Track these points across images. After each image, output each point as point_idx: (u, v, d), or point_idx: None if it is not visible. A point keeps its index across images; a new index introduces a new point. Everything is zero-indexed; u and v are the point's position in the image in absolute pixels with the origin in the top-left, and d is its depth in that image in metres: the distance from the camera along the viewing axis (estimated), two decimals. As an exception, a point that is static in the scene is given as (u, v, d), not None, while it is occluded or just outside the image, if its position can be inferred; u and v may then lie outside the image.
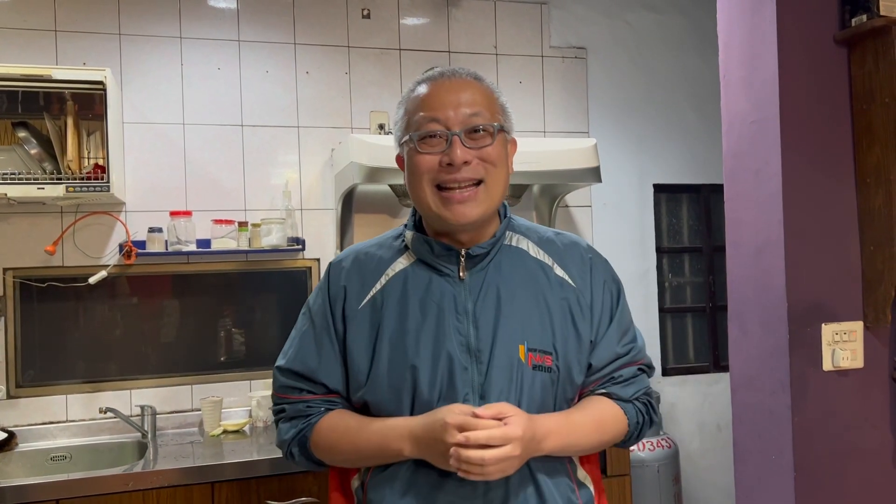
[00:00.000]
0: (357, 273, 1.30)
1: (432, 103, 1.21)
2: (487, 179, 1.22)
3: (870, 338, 2.01)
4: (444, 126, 1.20)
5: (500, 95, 1.28)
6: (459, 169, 1.19)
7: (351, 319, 1.27)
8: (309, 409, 1.29)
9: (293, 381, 1.30)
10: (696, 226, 3.75)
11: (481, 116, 1.21)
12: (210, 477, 2.31)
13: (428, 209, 1.24)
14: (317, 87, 3.10)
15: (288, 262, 3.03)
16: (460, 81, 1.24)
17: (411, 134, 1.22)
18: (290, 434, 1.30)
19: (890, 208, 1.90)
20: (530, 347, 1.22)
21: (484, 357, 1.21)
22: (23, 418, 2.71)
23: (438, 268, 1.26)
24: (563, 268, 1.31)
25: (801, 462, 1.92)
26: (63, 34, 2.81)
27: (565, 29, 3.46)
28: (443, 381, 1.20)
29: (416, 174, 1.23)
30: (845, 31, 1.97)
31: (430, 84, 1.24)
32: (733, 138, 2.12)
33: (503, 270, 1.27)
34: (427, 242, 1.26)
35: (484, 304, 1.23)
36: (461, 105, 1.21)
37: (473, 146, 1.20)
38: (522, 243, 1.32)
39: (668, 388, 3.57)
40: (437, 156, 1.20)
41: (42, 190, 2.47)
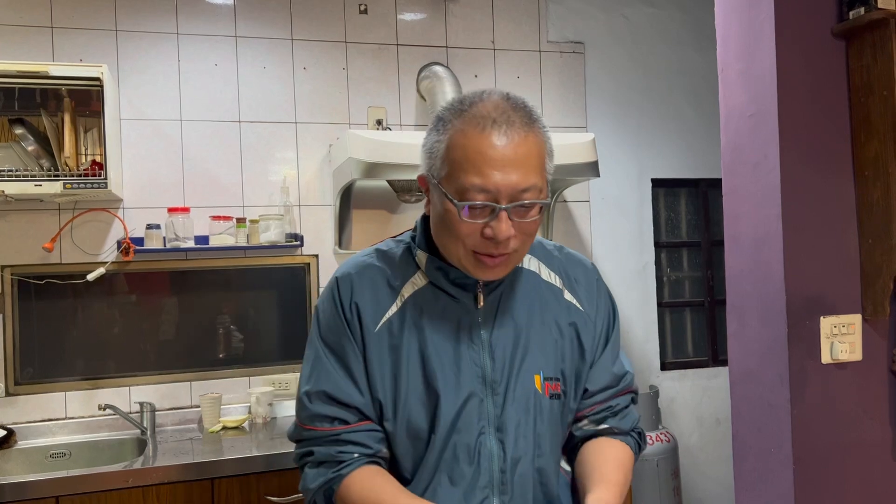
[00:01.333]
0: (369, 290, 1.22)
1: (483, 168, 1.09)
2: (521, 248, 1.17)
3: (868, 330, 2.01)
4: (492, 198, 1.10)
5: (548, 139, 1.18)
6: (499, 244, 1.12)
7: (369, 343, 1.20)
8: (341, 455, 1.18)
9: (324, 408, 1.19)
10: (695, 220, 3.75)
11: (532, 192, 1.12)
12: (210, 473, 2.31)
13: (457, 262, 1.18)
14: (314, 83, 3.09)
15: (286, 259, 3.02)
16: (515, 139, 1.10)
17: (456, 202, 1.11)
18: (316, 483, 1.19)
19: (888, 201, 1.90)
20: (546, 376, 1.22)
21: (500, 388, 1.19)
22: (22, 416, 2.71)
23: (453, 294, 1.22)
24: (571, 292, 1.29)
25: (801, 455, 1.92)
26: (59, 31, 2.80)
27: (563, 23, 3.45)
28: (461, 412, 1.18)
29: (453, 235, 1.15)
30: (843, 24, 1.96)
31: (482, 138, 1.10)
32: (731, 132, 2.11)
33: (517, 296, 1.25)
34: (442, 269, 1.22)
35: (500, 334, 1.21)
36: (513, 175, 1.09)
37: (519, 219, 1.13)
38: (533, 264, 1.30)
39: (667, 382, 3.57)
40: (479, 225, 1.12)
41: (39, 187, 2.46)
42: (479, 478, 1.17)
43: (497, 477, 1.17)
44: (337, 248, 3.03)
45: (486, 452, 1.17)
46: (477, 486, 1.16)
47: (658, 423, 3.34)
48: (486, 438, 1.17)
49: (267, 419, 2.85)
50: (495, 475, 1.17)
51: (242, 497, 2.33)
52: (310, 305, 3.04)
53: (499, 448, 1.18)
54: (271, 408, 2.88)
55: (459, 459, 1.17)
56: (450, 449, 1.17)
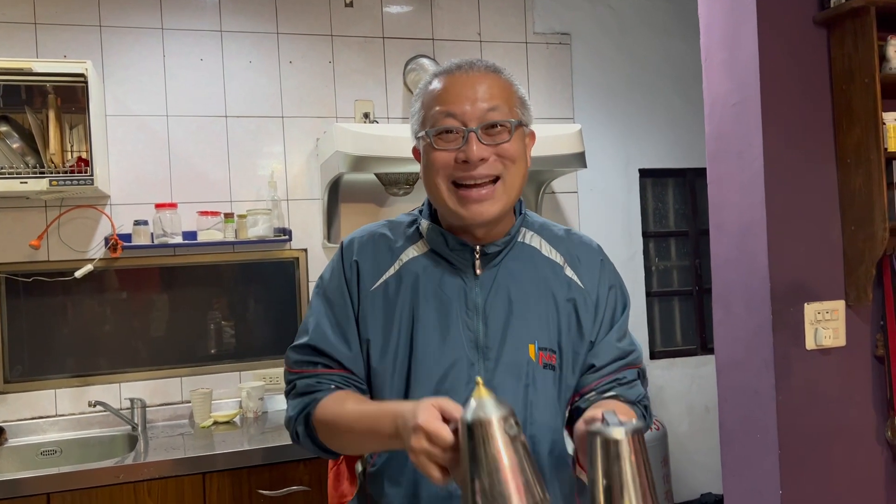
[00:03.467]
0: (370, 252, 1.28)
1: (448, 97, 1.18)
2: (505, 176, 1.19)
3: (852, 316, 2.03)
4: (460, 122, 1.17)
5: (518, 87, 1.25)
6: (476, 166, 1.16)
7: (364, 300, 1.25)
8: (319, 385, 1.24)
9: (308, 356, 1.26)
10: (682, 210, 3.77)
11: (499, 111, 1.18)
12: (201, 468, 2.32)
13: (444, 205, 1.21)
14: (300, 77, 3.09)
15: (275, 253, 3.02)
16: (477, 74, 1.20)
17: (427, 130, 1.20)
18: (295, 410, 1.25)
19: (870, 188, 1.92)
20: (541, 346, 1.22)
21: (492, 354, 1.20)
22: (12, 413, 2.71)
23: (451, 261, 1.25)
24: (573, 268, 1.30)
25: (786, 440, 1.95)
26: (43, 27, 2.78)
27: (549, 15, 3.45)
28: (448, 375, 1.19)
29: (432, 170, 1.20)
30: (825, 12, 1.98)
31: (447, 77, 1.21)
32: (715, 121, 2.13)
33: (515, 268, 1.26)
34: (442, 235, 1.24)
35: (495, 301, 1.23)
36: (478, 99, 1.17)
37: (490, 142, 1.17)
38: (535, 241, 1.31)
39: (656, 371, 3.59)
40: (453, 152, 1.17)
41: (25, 184, 2.45)
42: None
43: None
44: (326, 241, 3.04)
45: None
46: None
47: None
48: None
49: (258, 413, 2.85)
50: None
51: (234, 491, 2.34)
52: (299, 299, 3.04)
53: None
54: (262, 402, 2.89)
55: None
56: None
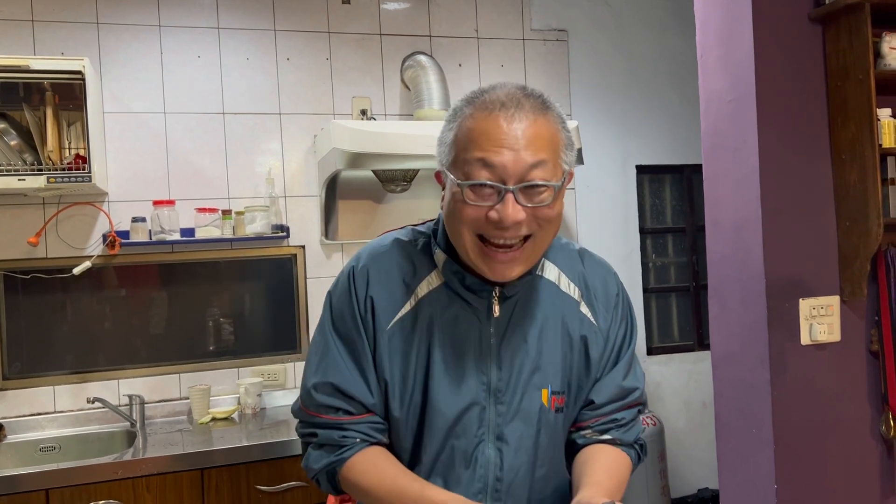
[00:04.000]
0: (385, 286, 1.19)
1: (488, 143, 1.05)
2: (537, 236, 1.10)
3: (847, 312, 2.04)
4: (498, 178, 1.04)
5: (566, 128, 1.12)
6: (508, 229, 1.06)
7: (380, 340, 1.18)
8: (344, 440, 1.17)
9: (330, 399, 1.18)
10: (679, 206, 3.78)
11: (543, 169, 1.05)
12: (200, 464, 2.33)
13: (466, 255, 1.13)
14: (298, 74, 3.09)
15: (273, 250, 3.03)
16: (524, 118, 1.06)
17: (460, 182, 1.07)
18: (320, 464, 1.19)
19: (865, 184, 1.92)
20: (553, 391, 1.19)
21: (504, 398, 1.17)
22: (10, 410, 2.72)
23: (467, 299, 1.18)
24: (588, 305, 1.24)
25: (781, 435, 1.96)
26: (40, 24, 2.78)
27: (546, 12, 3.46)
28: (459, 420, 1.16)
29: (458, 221, 1.09)
30: (820, 9, 1.98)
31: (489, 117, 1.06)
32: (711, 117, 2.14)
33: (529, 306, 1.20)
34: (460, 274, 1.17)
35: (510, 344, 1.18)
36: (521, 151, 1.04)
37: (529, 203, 1.06)
38: (552, 273, 1.24)
39: (654, 367, 3.61)
40: (485, 209, 1.06)
41: (23, 181, 2.46)
42: (473, 483, 1.16)
43: (492, 484, 1.16)
44: (323, 238, 3.04)
45: (484, 460, 1.16)
46: (471, 491, 1.16)
47: (645, 407, 3.38)
48: (484, 446, 1.16)
49: (256, 410, 2.86)
50: (490, 482, 1.16)
51: (232, 487, 2.35)
52: (297, 296, 3.05)
53: (497, 456, 1.16)
54: (260, 398, 2.90)
55: (455, 464, 1.16)
56: (446, 452, 1.16)
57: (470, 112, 1.09)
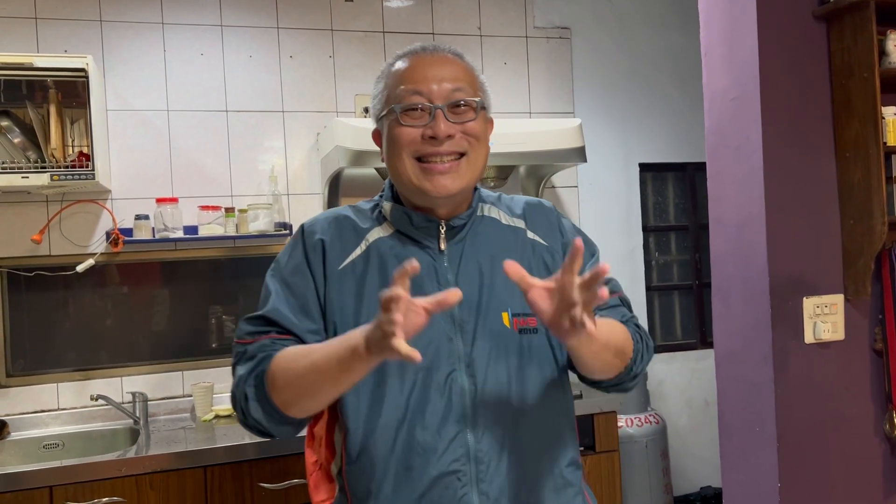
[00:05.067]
0: (336, 233, 1.26)
1: (415, 76, 1.21)
2: (470, 153, 1.22)
3: (850, 310, 2.04)
4: (427, 99, 1.19)
5: (479, 74, 1.29)
6: (443, 142, 1.19)
7: (332, 279, 1.23)
8: (273, 346, 1.18)
9: (260, 325, 1.22)
10: (682, 204, 3.77)
11: (464, 91, 1.21)
12: (203, 461, 2.33)
13: (409, 181, 1.22)
14: (301, 72, 3.09)
15: (276, 248, 3.03)
16: (442, 56, 1.24)
17: (393, 106, 1.21)
18: (245, 370, 1.17)
19: (869, 182, 1.92)
20: (514, 313, 1.23)
21: (468, 327, 1.21)
22: (14, 407, 2.72)
23: (418, 239, 1.25)
24: (533, 230, 1.32)
25: (784, 433, 1.96)
26: (43, 21, 2.78)
27: (549, 9, 3.45)
28: (427, 352, 1.17)
29: (397, 146, 1.21)
30: (824, 7, 1.98)
31: (412, 58, 1.24)
32: (714, 115, 2.13)
33: (479, 240, 1.28)
34: (406, 214, 1.25)
35: (465, 274, 1.24)
36: (444, 79, 1.21)
37: (457, 120, 1.20)
38: (493, 212, 1.33)
39: (656, 365, 3.60)
40: (420, 129, 1.19)
41: (27, 179, 2.46)
42: (450, 412, 1.17)
43: (469, 412, 1.18)
44: (326, 236, 3.04)
45: (458, 388, 1.18)
46: (449, 420, 1.17)
47: (647, 405, 3.38)
48: (457, 374, 1.19)
49: (259, 407, 2.86)
50: (467, 409, 1.18)
51: (235, 484, 2.35)
52: (300, 294, 3.05)
53: (470, 383, 1.19)
54: (263, 396, 2.90)
55: (430, 396, 1.17)
56: (419, 386, 1.18)
57: (394, 62, 1.26)
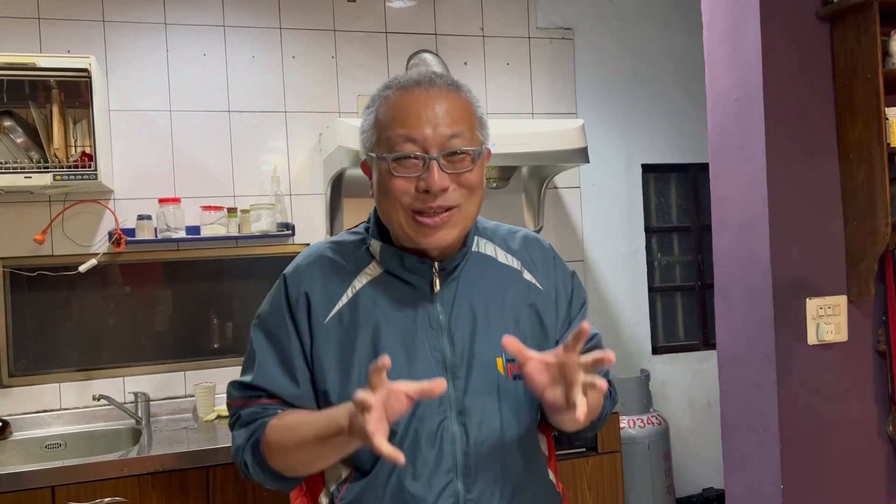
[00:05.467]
0: (318, 282, 1.20)
1: (408, 119, 1.11)
2: (463, 205, 1.15)
3: (854, 311, 2.03)
4: (420, 148, 1.11)
5: (479, 107, 1.20)
6: (436, 197, 1.11)
7: (318, 335, 1.18)
8: (265, 412, 1.18)
9: (249, 392, 1.21)
10: (685, 205, 3.77)
11: (462, 138, 1.12)
12: (205, 461, 2.33)
13: (401, 231, 1.16)
14: (303, 72, 3.09)
15: (278, 248, 3.03)
16: (438, 93, 1.13)
17: (385, 155, 1.12)
18: (242, 439, 1.19)
19: (872, 183, 1.92)
20: (508, 359, 1.18)
21: (461, 372, 1.17)
22: (16, 407, 2.72)
23: (409, 281, 1.20)
24: (530, 272, 1.27)
25: (787, 434, 1.95)
26: (46, 21, 2.79)
27: (551, 10, 3.45)
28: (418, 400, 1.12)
29: (390, 197, 1.14)
30: (828, 7, 1.98)
31: (405, 95, 1.14)
32: (717, 116, 2.13)
33: (473, 280, 1.23)
34: (398, 255, 1.19)
35: (458, 317, 1.19)
36: (440, 124, 1.11)
37: (452, 171, 1.12)
38: (489, 248, 1.28)
39: (659, 366, 3.60)
40: (413, 180, 1.11)
41: (29, 179, 2.46)
42: (441, 461, 1.15)
43: (461, 461, 1.15)
44: (328, 236, 3.04)
45: (449, 437, 1.15)
46: (440, 470, 1.15)
47: (649, 406, 3.37)
48: (448, 423, 1.16)
49: (261, 407, 2.86)
50: (458, 459, 1.15)
51: (237, 485, 2.35)
52: (302, 294, 3.05)
53: (461, 432, 1.16)
54: (265, 396, 2.90)
55: (421, 445, 1.14)
56: (410, 436, 1.15)
57: (387, 94, 1.16)
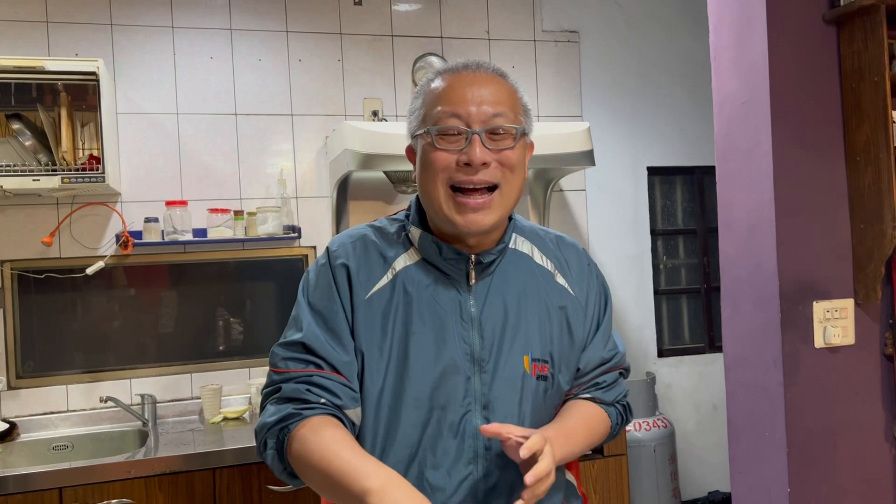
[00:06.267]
0: (362, 258, 1.22)
1: (453, 97, 1.15)
2: (503, 185, 1.16)
3: (861, 315, 2.03)
4: (464, 123, 1.14)
5: (523, 95, 1.23)
6: (477, 170, 1.13)
7: (358, 308, 1.19)
8: (308, 395, 1.13)
9: (299, 354, 1.16)
10: (690, 208, 3.76)
11: (504, 117, 1.15)
12: (211, 463, 2.33)
13: (439, 210, 1.17)
14: (310, 75, 3.10)
15: (284, 250, 3.04)
16: (485, 76, 1.18)
17: (429, 127, 1.15)
18: (275, 417, 1.13)
19: (879, 186, 1.91)
20: (534, 358, 1.21)
21: (488, 366, 1.18)
22: (24, 409, 2.73)
23: (445, 271, 1.21)
24: (563, 276, 1.29)
25: (794, 438, 1.95)
26: (55, 25, 2.80)
27: (557, 12, 3.45)
28: (443, 388, 1.17)
29: (431, 171, 1.16)
30: (834, 11, 1.98)
31: (452, 76, 1.18)
32: (724, 119, 2.13)
33: (509, 277, 1.24)
34: (436, 244, 1.20)
35: (490, 311, 1.21)
36: (484, 102, 1.14)
37: (494, 147, 1.14)
38: (526, 247, 1.29)
39: (664, 369, 3.60)
40: (455, 154, 1.14)
41: (37, 181, 2.47)
42: (462, 453, 1.16)
43: (482, 453, 1.17)
44: (334, 239, 3.05)
45: (471, 430, 1.16)
46: (461, 461, 1.16)
47: (655, 409, 3.37)
48: (471, 415, 1.17)
49: (267, 410, 2.87)
50: (479, 451, 1.17)
51: (243, 487, 2.36)
52: (308, 296, 3.06)
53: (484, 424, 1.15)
54: (271, 398, 2.90)
55: (443, 435, 1.16)
56: (433, 425, 1.16)
57: (433, 77, 1.21)
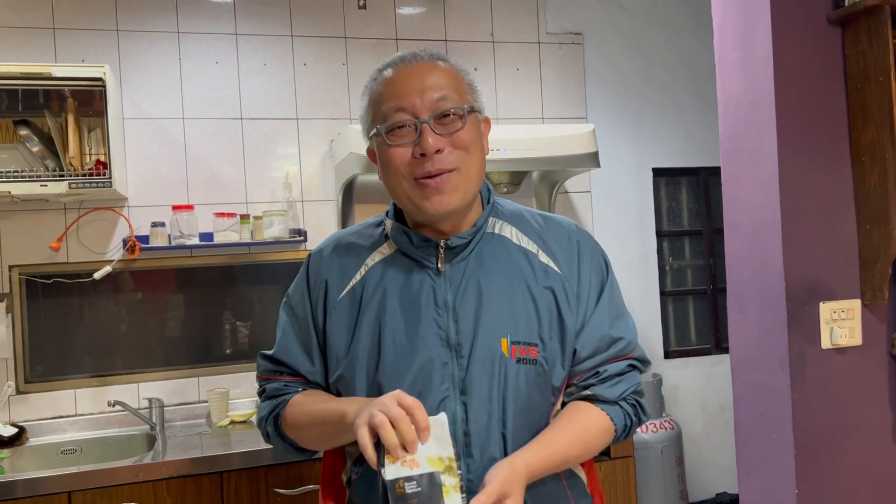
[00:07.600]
0: (337, 263, 1.28)
1: (396, 91, 1.16)
2: (461, 167, 1.17)
3: (868, 315, 2.02)
4: (411, 114, 1.15)
5: (466, 74, 1.24)
6: (432, 158, 1.14)
7: (331, 311, 1.25)
8: (286, 388, 1.30)
9: (274, 365, 1.32)
10: (696, 209, 3.76)
11: (449, 100, 1.16)
12: (219, 467, 2.34)
13: (407, 201, 1.19)
14: (315, 79, 3.11)
15: (290, 254, 3.05)
16: (422, 64, 1.19)
17: (378, 126, 1.17)
18: (265, 411, 1.31)
19: (885, 186, 1.91)
20: (514, 340, 1.19)
21: (464, 351, 1.17)
22: (32, 413, 2.75)
23: (418, 259, 1.23)
24: (548, 254, 1.26)
25: (801, 439, 1.94)
26: (61, 31, 2.82)
27: (561, 14, 3.46)
28: (420, 376, 1.17)
29: (391, 168, 1.18)
30: (839, 11, 1.97)
31: (392, 70, 1.19)
32: (729, 120, 2.13)
33: (484, 261, 1.23)
34: (405, 233, 1.23)
35: (464, 296, 1.20)
36: (426, 90, 1.15)
37: (444, 132, 1.15)
38: (506, 230, 1.28)
39: (671, 370, 3.59)
40: (409, 147, 1.15)
41: (45, 187, 2.49)
42: None
43: (461, 440, 1.15)
44: (340, 242, 3.05)
45: (450, 415, 1.13)
46: None
47: (662, 410, 3.37)
48: (449, 402, 1.16)
49: (274, 413, 2.88)
50: (459, 438, 1.15)
51: (251, 490, 2.36)
52: (314, 300, 3.07)
53: (462, 411, 1.16)
54: (278, 402, 2.91)
55: None
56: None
57: (375, 76, 1.23)
